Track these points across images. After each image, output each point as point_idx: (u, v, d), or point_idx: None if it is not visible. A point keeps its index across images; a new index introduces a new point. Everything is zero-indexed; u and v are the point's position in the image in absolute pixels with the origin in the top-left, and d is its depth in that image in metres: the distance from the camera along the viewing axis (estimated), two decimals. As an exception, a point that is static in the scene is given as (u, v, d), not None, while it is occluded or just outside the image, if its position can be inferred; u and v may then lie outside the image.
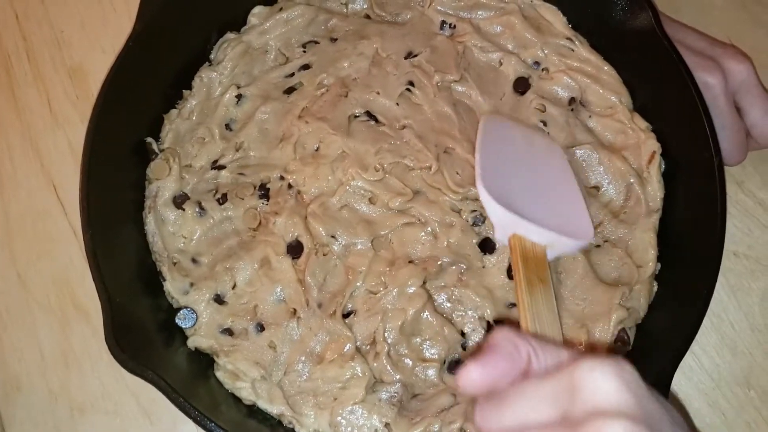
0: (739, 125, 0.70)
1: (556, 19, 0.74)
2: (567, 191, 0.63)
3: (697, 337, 0.69)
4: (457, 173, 0.68)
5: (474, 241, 0.67)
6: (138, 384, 0.67)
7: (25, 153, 0.78)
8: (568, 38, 0.74)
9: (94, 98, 0.64)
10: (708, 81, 0.68)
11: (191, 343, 0.64)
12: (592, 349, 0.62)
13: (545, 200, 0.59)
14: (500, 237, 0.56)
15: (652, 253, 0.66)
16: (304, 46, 0.76)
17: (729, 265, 0.73)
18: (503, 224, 0.56)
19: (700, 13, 0.81)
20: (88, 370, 0.70)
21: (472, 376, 0.41)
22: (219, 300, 0.65)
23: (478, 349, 0.64)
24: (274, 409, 0.62)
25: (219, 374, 0.63)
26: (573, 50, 0.74)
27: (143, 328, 0.62)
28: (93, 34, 0.83)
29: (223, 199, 0.69)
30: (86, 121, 0.62)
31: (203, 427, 0.56)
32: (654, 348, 0.62)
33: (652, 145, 0.69)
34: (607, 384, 0.38)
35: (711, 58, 0.70)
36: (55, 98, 0.81)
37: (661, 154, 0.69)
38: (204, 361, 0.65)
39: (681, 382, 0.69)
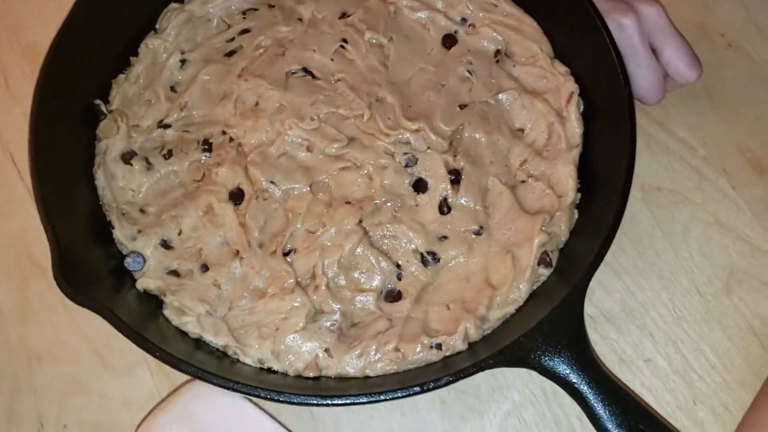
0: (655, 64, 0.74)
1: (479, -23, 0.79)
2: None
3: (624, 263, 0.75)
4: (389, 118, 0.73)
5: (407, 181, 0.71)
6: (94, 332, 0.72)
7: (-18, 127, 0.82)
8: (492, -6, 0.79)
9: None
10: (622, 22, 0.72)
11: (140, 284, 0.67)
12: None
13: None
14: None
15: (571, 183, 0.70)
16: (244, 13, 0.80)
17: (653, 199, 0.78)
18: None
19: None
20: (44, 322, 0.73)
21: None
22: (165, 245, 0.69)
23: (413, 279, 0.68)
24: (218, 341, 0.65)
25: (166, 312, 0.67)
26: (496, 6, 0.79)
27: (94, 271, 0.65)
28: (47, 14, 0.87)
29: (168, 155, 0.72)
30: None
31: (152, 354, 0.59)
32: (572, 268, 0.66)
33: (570, 86, 0.74)
34: None
35: (624, 1, 0.74)
36: (12, 77, 0.85)
37: (580, 95, 0.74)
38: (153, 304, 0.68)
39: (614, 311, 0.73)
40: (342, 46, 0.77)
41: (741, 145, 0.80)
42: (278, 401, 0.59)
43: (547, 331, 0.59)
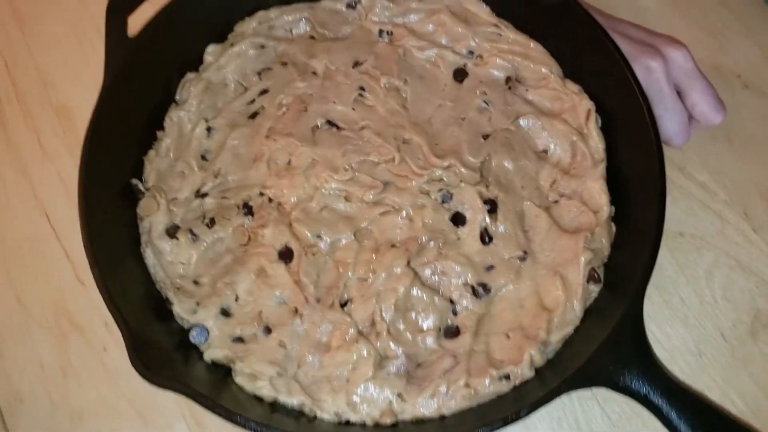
0: (681, 107, 0.76)
1: (479, 9, 0.82)
2: None
3: (650, 311, 0.76)
4: (419, 158, 0.75)
5: (446, 216, 0.73)
6: (132, 390, 0.75)
7: (18, 185, 0.84)
8: (494, 25, 0.82)
9: (80, 133, 0.70)
10: (650, 65, 0.74)
11: (207, 356, 0.69)
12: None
13: None
14: None
15: (604, 197, 0.73)
16: (259, 73, 0.82)
17: (676, 245, 0.79)
18: None
19: (635, 14, 0.87)
20: (85, 379, 0.75)
21: None
22: (225, 313, 0.71)
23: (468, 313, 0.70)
24: (294, 400, 0.67)
25: (238, 379, 0.68)
26: (500, 35, 0.82)
27: (162, 349, 0.67)
28: (76, 74, 0.90)
29: (211, 223, 0.74)
30: (73, 154, 0.69)
31: (240, 424, 0.60)
32: (622, 281, 0.68)
33: (586, 104, 0.77)
34: None
35: (650, 45, 0.76)
36: (44, 134, 0.87)
37: (596, 110, 0.77)
38: (222, 372, 0.69)
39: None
40: (360, 94, 0.79)
41: (761, 188, 0.82)
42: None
43: (613, 348, 0.62)
